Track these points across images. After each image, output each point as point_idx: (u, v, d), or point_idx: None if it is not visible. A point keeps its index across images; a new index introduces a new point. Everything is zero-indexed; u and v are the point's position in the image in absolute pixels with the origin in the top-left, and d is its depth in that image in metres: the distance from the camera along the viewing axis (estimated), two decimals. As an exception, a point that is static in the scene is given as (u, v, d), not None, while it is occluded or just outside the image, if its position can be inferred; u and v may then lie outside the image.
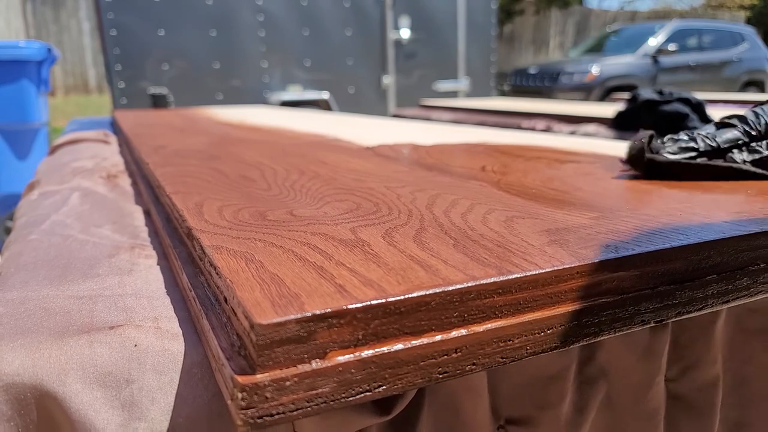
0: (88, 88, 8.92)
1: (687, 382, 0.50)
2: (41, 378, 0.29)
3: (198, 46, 2.65)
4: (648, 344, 0.45)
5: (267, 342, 0.24)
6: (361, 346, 0.26)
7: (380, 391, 0.26)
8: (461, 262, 0.30)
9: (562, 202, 0.44)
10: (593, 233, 0.35)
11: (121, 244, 0.48)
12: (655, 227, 0.36)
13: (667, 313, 0.33)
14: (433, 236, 0.35)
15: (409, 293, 0.26)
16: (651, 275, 0.32)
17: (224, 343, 0.27)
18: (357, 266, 0.30)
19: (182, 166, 0.63)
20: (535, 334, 0.29)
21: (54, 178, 0.80)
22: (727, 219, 0.38)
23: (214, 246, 0.33)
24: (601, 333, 0.31)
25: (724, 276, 0.35)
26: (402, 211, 0.41)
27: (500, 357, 0.29)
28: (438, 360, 0.27)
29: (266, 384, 0.24)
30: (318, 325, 0.24)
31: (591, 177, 0.55)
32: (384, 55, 2.99)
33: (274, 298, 0.25)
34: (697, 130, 0.57)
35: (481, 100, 2.84)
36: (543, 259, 0.30)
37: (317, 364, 0.25)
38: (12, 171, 2.32)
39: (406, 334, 0.26)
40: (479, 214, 0.40)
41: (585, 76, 6.30)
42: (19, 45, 2.23)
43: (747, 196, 0.46)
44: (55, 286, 0.39)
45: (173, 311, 0.35)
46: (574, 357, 0.42)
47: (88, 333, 0.31)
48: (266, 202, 0.45)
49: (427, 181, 0.54)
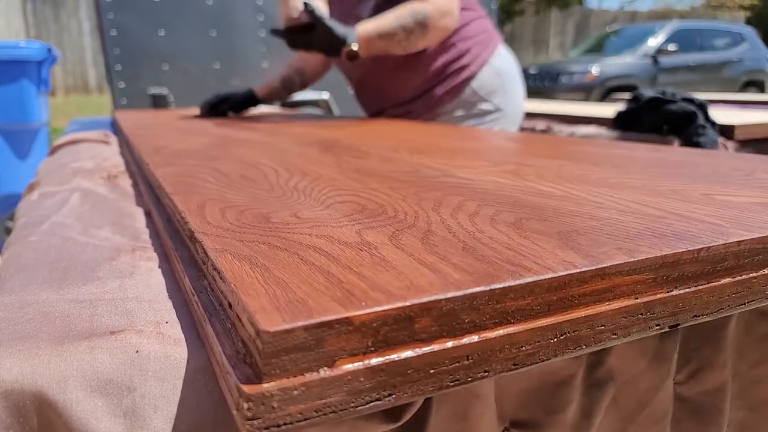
0: (88, 88, 8.91)
1: (695, 385, 0.49)
2: (41, 385, 0.28)
3: (198, 46, 2.64)
4: (657, 348, 0.45)
5: (274, 350, 0.23)
6: (371, 354, 0.25)
7: (390, 399, 0.25)
8: (471, 266, 0.29)
9: (572, 202, 0.44)
10: (605, 235, 0.34)
11: (122, 246, 0.48)
12: (669, 229, 0.35)
13: (683, 317, 0.32)
14: (441, 239, 0.34)
15: (419, 298, 0.25)
16: (666, 279, 0.31)
17: (229, 350, 0.26)
18: (364, 270, 0.29)
19: (183, 167, 0.62)
20: (548, 339, 0.28)
21: (54, 178, 0.80)
22: (741, 220, 0.37)
23: (217, 249, 0.32)
24: (614, 338, 0.30)
25: (740, 279, 0.34)
26: (408, 213, 0.41)
27: (513, 363, 0.28)
28: (449, 367, 0.26)
29: (273, 393, 0.23)
30: (326, 332, 0.24)
31: (599, 175, 0.55)
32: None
33: (280, 304, 0.25)
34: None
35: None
36: (555, 262, 0.30)
37: (325, 373, 0.24)
38: (12, 171, 2.31)
39: (416, 341, 0.26)
40: (487, 216, 0.40)
41: (585, 76, 6.30)
42: (19, 45, 2.22)
43: (759, 196, 0.46)
44: (55, 289, 0.38)
45: (175, 316, 0.34)
46: (582, 361, 0.42)
47: (89, 338, 0.31)
48: (269, 204, 0.44)
49: (432, 181, 0.53)
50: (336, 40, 1.16)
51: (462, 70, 1.34)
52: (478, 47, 1.36)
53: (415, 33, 1.22)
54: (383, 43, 1.22)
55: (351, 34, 1.18)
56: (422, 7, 1.22)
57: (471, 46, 1.35)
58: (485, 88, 1.36)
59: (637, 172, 0.58)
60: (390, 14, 1.22)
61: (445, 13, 1.24)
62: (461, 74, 1.34)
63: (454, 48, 1.34)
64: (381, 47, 1.23)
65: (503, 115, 1.40)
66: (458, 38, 1.34)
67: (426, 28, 1.23)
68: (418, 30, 1.22)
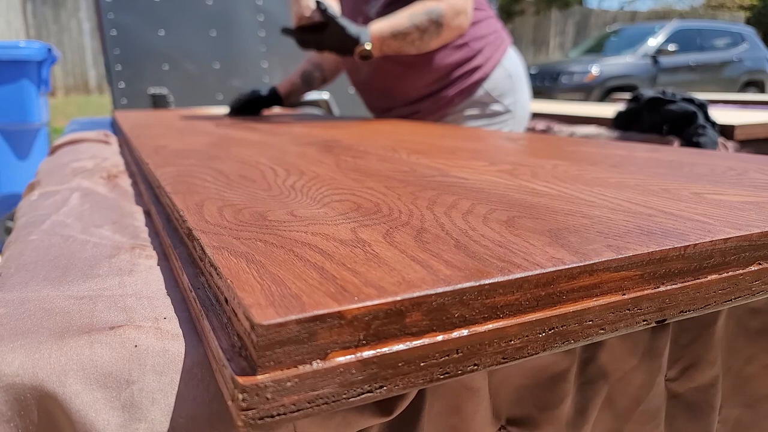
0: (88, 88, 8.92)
1: (687, 381, 0.50)
2: (41, 379, 0.29)
3: (198, 46, 2.65)
4: (649, 344, 0.45)
5: (268, 343, 0.23)
6: (362, 347, 0.25)
7: (381, 391, 0.26)
8: (462, 262, 0.30)
9: (564, 200, 0.44)
10: (595, 233, 0.35)
11: (122, 244, 0.48)
12: (657, 227, 0.36)
13: (670, 313, 0.33)
14: (434, 236, 0.35)
15: (410, 293, 0.26)
16: (653, 275, 0.32)
17: (225, 343, 0.27)
18: (358, 267, 0.29)
19: (182, 166, 0.63)
20: (537, 334, 0.29)
21: (54, 178, 0.80)
22: (729, 218, 0.38)
23: (214, 246, 0.33)
24: (602, 333, 0.31)
25: (726, 276, 0.34)
26: (403, 212, 0.41)
27: (501, 357, 0.29)
28: (439, 360, 0.27)
29: (267, 385, 0.24)
30: (319, 325, 0.24)
31: (594, 174, 0.55)
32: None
33: (274, 299, 0.25)
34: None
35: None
36: (544, 258, 0.30)
37: (318, 365, 0.24)
38: (12, 171, 2.32)
39: (407, 334, 0.26)
40: (480, 215, 0.40)
41: (585, 76, 6.30)
42: (19, 45, 2.23)
43: (749, 195, 0.46)
44: (55, 286, 0.39)
45: (174, 312, 0.35)
46: (575, 358, 0.42)
47: (89, 333, 0.31)
48: (267, 203, 0.45)
49: (428, 180, 0.54)
50: (349, 40, 1.14)
51: (474, 71, 1.33)
52: (490, 48, 1.34)
53: (430, 32, 1.20)
54: (396, 43, 1.20)
55: (364, 34, 1.15)
56: (436, 5, 1.19)
57: (483, 46, 1.33)
58: (497, 90, 1.35)
59: (633, 171, 0.59)
60: (403, 13, 1.19)
61: (459, 12, 1.22)
62: (474, 75, 1.32)
63: (466, 47, 1.31)
64: (394, 47, 1.20)
65: (512, 116, 1.39)
66: (470, 38, 1.32)
67: (441, 27, 1.20)
68: (433, 29, 1.20)
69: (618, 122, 1.71)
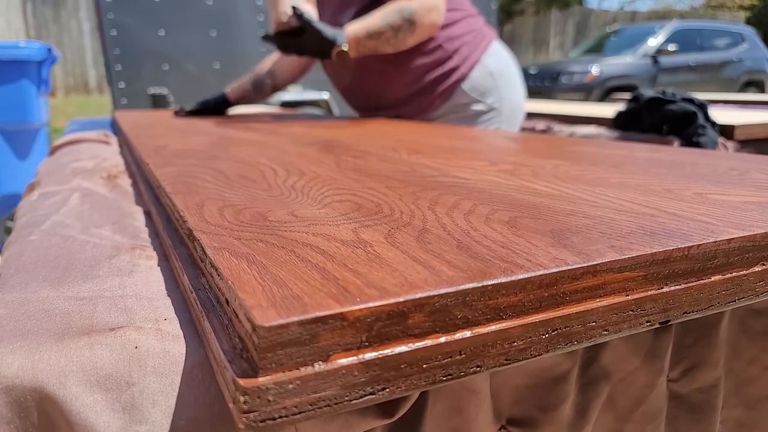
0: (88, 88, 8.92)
1: (689, 383, 0.49)
2: (41, 380, 0.29)
3: (198, 46, 2.65)
4: (651, 345, 0.45)
5: (269, 344, 0.23)
6: (364, 349, 0.25)
7: (384, 393, 0.26)
8: (465, 263, 0.30)
9: (566, 201, 0.44)
10: (597, 233, 0.35)
11: (122, 244, 0.48)
12: (660, 227, 0.36)
13: (673, 314, 0.33)
14: (436, 237, 0.35)
15: (412, 294, 0.26)
16: (656, 276, 0.32)
17: (226, 345, 0.26)
18: (360, 267, 0.29)
19: (182, 166, 0.63)
20: (540, 335, 0.29)
21: (54, 178, 0.80)
22: (732, 218, 0.38)
23: (215, 247, 0.33)
24: (605, 334, 0.31)
25: (730, 276, 0.34)
26: (404, 212, 0.41)
27: (505, 358, 0.28)
28: (442, 362, 0.27)
29: (269, 387, 0.23)
30: (321, 327, 0.24)
31: (595, 174, 0.55)
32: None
33: (276, 300, 0.25)
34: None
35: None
36: (547, 259, 0.30)
37: (320, 367, 0.24)
38: (12, 171, 2.32)
39: (410, 336, 0.26)
40: (481, 215, 0.40)
41: (585, 76, 6.30)
42: (19, 45, 2.22)
43: (751, 195, 0.46)
44: (55, 287, 0.38)
45: (174, 313, 0.35)
46: (577, 358, 0.42)
47: (89, 335, 0.31)
48: (267, 203, 0.45)
49: (429, 180, 0.53)
50: (326, 42, 1.18)
51: (452, 73, 1.34)
52: (467, 48, 1.36)
53: (403, 30, 1.24)
54: (372, 42, 1.23)
55: (340, 35, 1.19)
56: (408, 3, 1.23)
57: (459, 46, 1.35)
58: (477, 89, 1.36)
59: (634, 172, 0.59)
60: (377, 13, 1.23)
61: (431, 9, 1.25)
62: (452, 77, 1.34)
63: (440, 49, 1.34)
64: (370, 46, 1.24)
65: (498, 114, 1.40)
66: (443, 40, 1.34)
67: (413, 25, 1.24)
68: (406, 27, 1.23)
69: (618, 122, 1.71)
